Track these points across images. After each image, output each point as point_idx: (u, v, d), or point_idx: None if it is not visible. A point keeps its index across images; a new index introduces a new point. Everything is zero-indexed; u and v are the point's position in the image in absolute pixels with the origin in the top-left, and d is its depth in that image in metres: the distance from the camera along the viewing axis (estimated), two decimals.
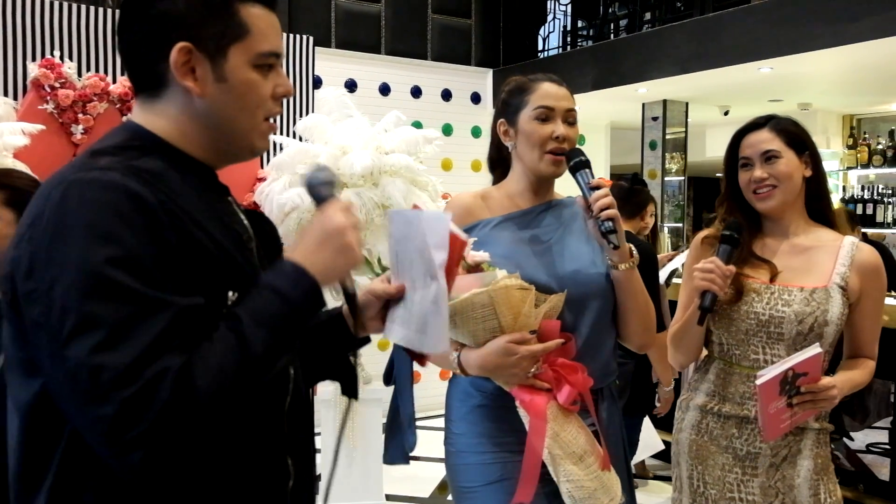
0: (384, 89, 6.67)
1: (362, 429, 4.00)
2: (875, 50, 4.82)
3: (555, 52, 7.48)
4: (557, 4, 7.54)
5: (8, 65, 4.22)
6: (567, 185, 1.94)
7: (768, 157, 1.98)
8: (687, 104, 6.97)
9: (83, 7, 4.47)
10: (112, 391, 0.91)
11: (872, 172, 7.66)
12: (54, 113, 4.10)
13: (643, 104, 6.98)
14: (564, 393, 1.69)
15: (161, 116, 1.11)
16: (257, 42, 1.12)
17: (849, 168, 7.74)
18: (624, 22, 7.24)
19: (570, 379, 1.70)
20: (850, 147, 7.71)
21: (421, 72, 6.88)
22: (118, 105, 4.30)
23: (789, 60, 5.18)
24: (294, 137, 4.35)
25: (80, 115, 4.16)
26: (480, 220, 1.86)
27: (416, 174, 3.86)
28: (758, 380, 1.78)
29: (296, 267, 1.08)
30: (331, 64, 6.24)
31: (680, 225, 7.08)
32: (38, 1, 4.31)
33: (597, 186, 1.74)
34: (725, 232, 1.94)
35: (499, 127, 1.91)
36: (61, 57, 4.27)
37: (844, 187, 7.81)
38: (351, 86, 6.36)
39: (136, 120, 1.13)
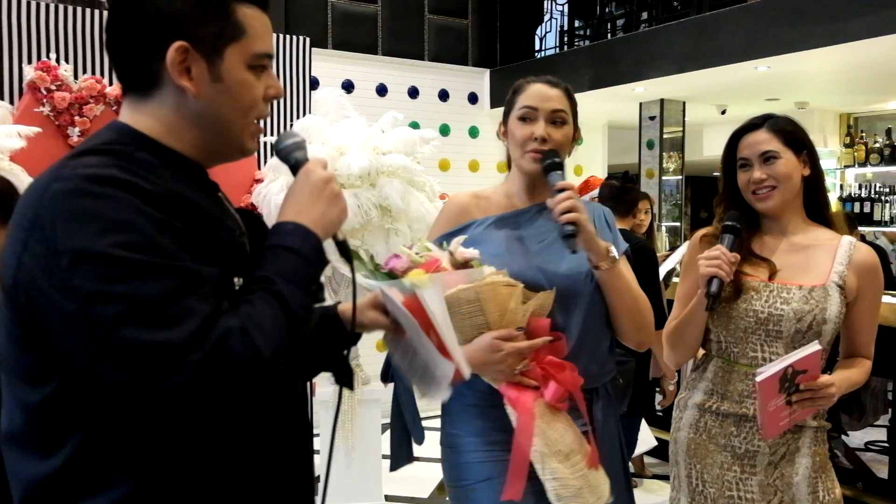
0: (381, 90, 6.67)
1: (361, 429, 4.00)
2: (872, 48, 4.83)
3: (552, 52, 7.48)
4: (554, 4, 7.54)
5: (3, 68, 4.21)
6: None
7: (767, 158, 1.98)
8: (684, 103, 6.98)
9: (79, 9, 4.46)
10: (181, 360, 0.92)
11: (870, 171, 7.68)
12: (51, 115, 4.09)
13: (640, 103, 6.98)
14: (551, 390, 1.69)
15: (151, 116, 1.11)
16: (252, 43, 1.12)
17: (846, 166, 7.76)
18: (621, 21, 7.24)
19: (558, 377, 1.70)
20: (848, 145, 7.73)
21: (418, 72, 6.89)
22: (115, 107, 4.29)
23: (786, 59, 5.19)
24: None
25: (77, 118, 4.16)
26: (475, 220, 1.89)
27: (414, 174, 3.86)
28: (757, 377, 1.78)
29: (298, 225, 1.11)
30: (327, 65, 6.24)
31: (678, 224, 7.08)
32: (34, 3, 4.30)
33: (562, 189, 1.74)
34: (728, 223, 1.96)
35: (499, 128, 1.96)
36: (57, 59, 4.26)
37: (842, 186, 7.82)
38: (348, 86, 6.36)
39: (125, 120, 1.12)
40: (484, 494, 1.77)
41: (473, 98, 7.23)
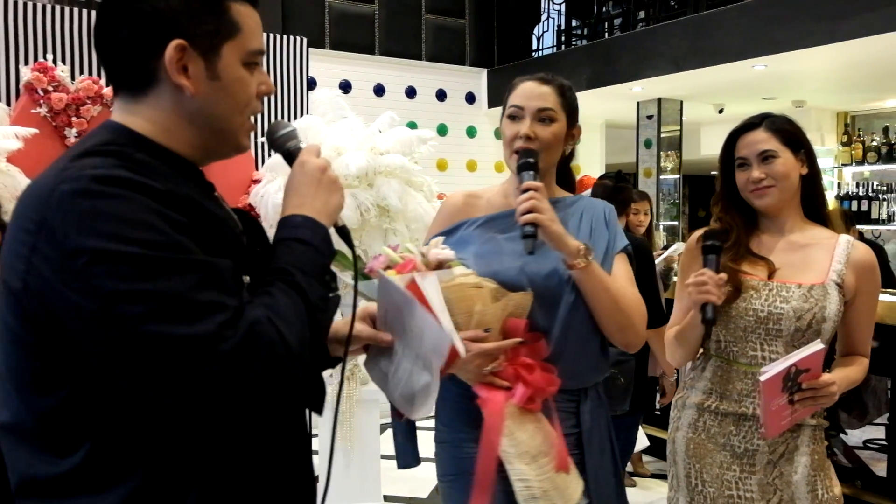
0: (378, 90, 6.67)
1: (359, 429, 3.99)
2: (868, 47, 4.84)
3: (549, 52, 7.49)
4: (551, 4, 7.55)
5: (0, 69, 4.21)
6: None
7: (765, 158, 1.98)
8: (682, 102, 6.99)
9: (75, 10, 4.46)
10: (215, 350, 0.93)
11: (867, 169, 7.69)
12: (48, 116, 4.09)
13: (638, 103, 6.99)
14: (518, 392, 1.69)
15: (146, 115, 1.10)
16: (247, 40, 1.12)
17: (843, 165, 7.77)
18: (618, 21, 7.25)
19: (528, 378, 1.70)
20: (845, 144, 7.74)
21: (415, 72, 6.89)
22: (112, 108, 4.28)
23: (783, 58, 5.20)
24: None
25: (74, 119, 4.15)
26: (466, 220, 1.89)
27: (412, 174, 3.86)
28: (761, 376, 1.78)
29: (307, 217, 1.13)
30: (325, 65, 6.25)
31: (675, 223, 7.09)
32: (31, 4, 4.29)
33: (525, 189, 1.73)
34: (706, 243, 1.95)
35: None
36: (54, 60, 4.26)
37: (839, 184, 7.83)
38: (345, 87, 6.36)
39: (119, 120, 1.11)
40: (464, 487, 1.77)
41: (471, 98, 7.24)
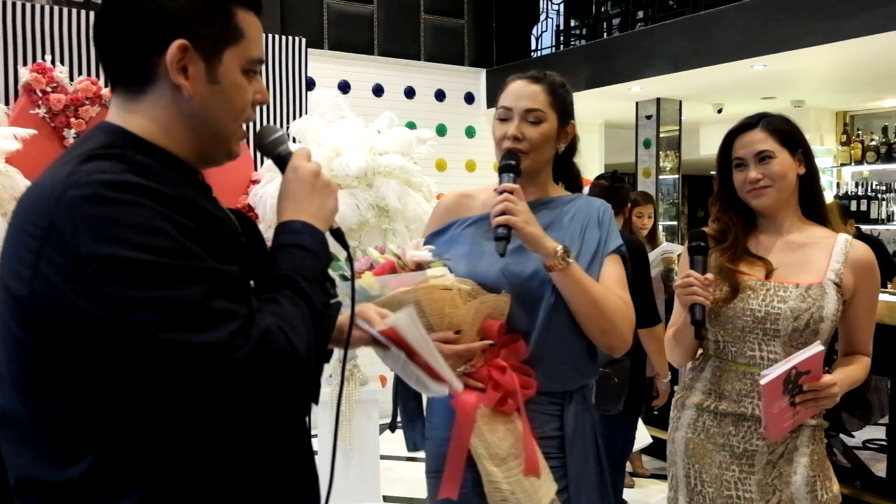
0: (377, 90, 6.67)
1: (359, 430, 3.99)
2: (867, 46, 4.83)
3: (548, 52, 7.48)
4: (550, 4, 7.54)
5: None
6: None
7: (762, 158, 1.98)
8: (680, 102, 6.99)
9: (74, 11, 4.46)
10: (228, 358, 0.93)
11: (866, 169, 7.69)
12: (46, 117, 4.09)
13: (637, 103, 6.99)
14: (488, 394, 1.70)
15: (144, 114, 1.09)
16: (249, 47, 1.12)
17: (842, 165, 7.77)
18: (617, 20, 7.24)
19: (499, 379, 1.70)
20: (844, 144, 7.74)
21: (414, 72, 6.89)
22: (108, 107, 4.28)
23: (782, 57, 5.19)
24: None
25: (73, 119, 4.15)
26: (457, 220, 1.89)
27: (411, 175, 3.86)
28: (762, 380, 1.77)
29: (305, 224, 1.14)
30: (323, 65, 6.24)
31: (675, 223, 7.09)
32: (29, 5, 4.29)
33: (501, 191, 1.72)
34: (692, 244, 1.97)
35: None
36: (53, 61, 4.26)
37: (838, 184, 7.83)
38: (344, 87, 6.36)
39: (115, 120, 1.10)
40: (438, 484, 1.80)
41: (470, 98, 7.24)
